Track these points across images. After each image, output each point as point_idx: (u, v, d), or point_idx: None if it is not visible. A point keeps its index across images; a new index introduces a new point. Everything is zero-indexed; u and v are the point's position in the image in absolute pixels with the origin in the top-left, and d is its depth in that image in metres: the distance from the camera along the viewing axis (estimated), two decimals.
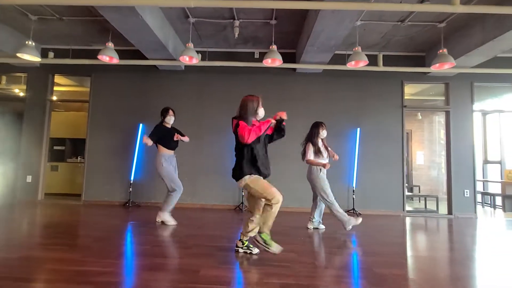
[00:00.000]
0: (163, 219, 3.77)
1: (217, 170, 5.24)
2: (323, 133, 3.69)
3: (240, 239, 2.68)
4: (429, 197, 6.29)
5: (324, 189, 3.56)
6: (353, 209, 5.07)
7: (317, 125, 3.70)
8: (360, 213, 5.02)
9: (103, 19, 4.09)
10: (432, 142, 8.51)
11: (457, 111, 5.36)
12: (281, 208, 5.11)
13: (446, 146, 5.44)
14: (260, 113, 2.57)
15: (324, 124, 3.73)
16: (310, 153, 3.61)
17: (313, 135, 3.67)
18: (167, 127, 3.90)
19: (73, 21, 4.62)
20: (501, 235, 3.90)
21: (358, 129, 5.31)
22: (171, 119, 3.91)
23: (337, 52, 5.08)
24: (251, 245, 2.66)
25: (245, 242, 2.66)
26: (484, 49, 4.19)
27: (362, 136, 5.31)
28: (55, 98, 5.79)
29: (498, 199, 6.54)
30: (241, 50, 5.54)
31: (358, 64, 4.33)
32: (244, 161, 2.47)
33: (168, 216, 3.78)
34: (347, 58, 4.35)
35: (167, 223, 3.75)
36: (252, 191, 2.52)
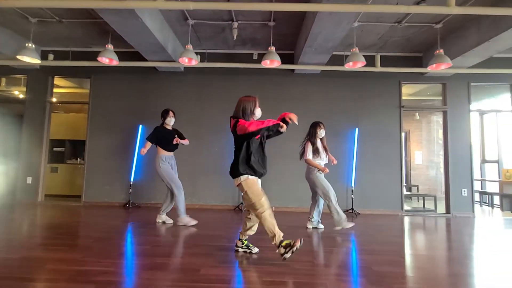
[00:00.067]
0: (184, 222, 3.80)
1: (217, 170, 5.26)
2: (321, 133, 3.72)
3: (240, 239, 2.71)
4: (427, 197, 6.34)
5: (324, 186, 3.61)
6: (352, 209, 5.10)
7: (315, 125, 3.74)
8: (359, 213, 5.06)
9: (103, 22, 4.11)
10: (430, 142, 8.55)
11: (454, 111, 5.40)
12: (281, 208, 5.11)
13: (444, 146, 5.49)
14: (257, 114, 2.55)
15: (322, 124, 3.76)
16: (309, 153, 3.64)
17: (311, 135, 3.72)
18: (167, 129, 3.93)
19: (73, 24, 4.65)
20: (499, 234, 3.94)
21: (357, 129, 5.34)
22: (171, 120, 3.94)
23: (335, 53, 5.13)
24: (251, 245, 2.69)
25: (245, 242, 2.69)
26: (480, 50, 4.24)
27: (361, 136, 5.35)
28: (55, 100, 5.81)
29: (496, 198, 6.58)
30: (240, 52, 5.58)
31: (356, 65, 4.37)
32: (240, 158, 2.45)
33: (187, 218, 3.82)
34: (345, 59, 4.39)
35: (188, 224, 3.79)
36: (244, 193, 2.50)
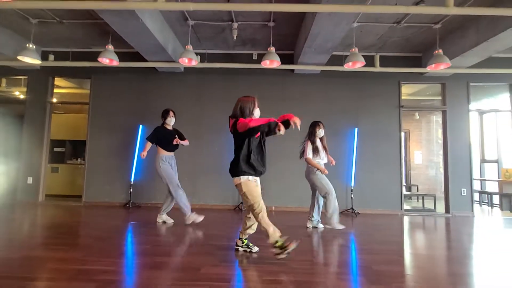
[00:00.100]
0: (192, 219, 3.84)
1: (217, 170, 5.27)
2: (320, 132, 3.75)
3: (240, 238, 2.73)
4: (427, 196, 6.35)
5: (324, 185, 3.64)
6: (352, 209, 5.11)
7: (314, 125, 3.78)
8: (359, 213, 5.08)
9: (103, 22, 4.13)
10: (430, 142, 8.57)
11: (454, 111, 5.42)
12: (280, 207, 5.12)
13: (443, 146, 5.50)
14: (256, 114, 2.57)
15: (322, 123, 3.79)
16: (309, 152, 3.67)
17: (311, 134, 3.75)
18: (168, 129, 3.95)
19: (74, 24, 4.67)
20: (497, 233, 3.96)
21: (356, 129, 5.36)
22: (172, 120, 3.96)
23: (335, 53, 5.14)
24: (251, 244, 2.71)
25: (245, 241, 2.71)
26: (479, 50, 4.26)
27: (360, 136, 5.36)
28: (55, 100, 5.83)
29: (496, 198, 6.60)
30: (240, 52, 5.59)
31: (355, 65, 4.38)
32: (241, 157, 2.48)
33: (194, 215, 3.85)
34: (345, 59, 4.40)
35: (196, 220, 3.84)
36: (242, 194, 2.52)
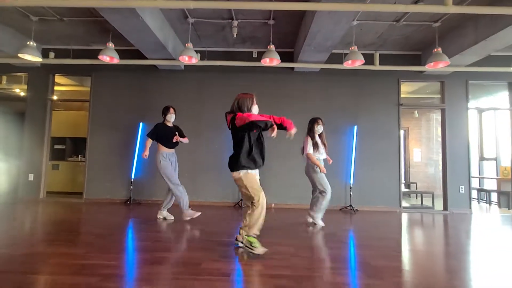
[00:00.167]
0: (189, 215, 3.88)
1: (217, 167, 5.30)
2: (319, 129, 3.79)
3: (240, 234, 2.76)
4: (425, 194, 6.39)
5: (322, 183, 3.71)
6: (350, 206, 5.15)
7: (313, 121, 3.83)
8: (357, 210, 5.12)
9: (104, 20, 4.14)
10: (429, 140, 8.59)
11: (452, 109, 5.44)
12: (280, 205, 5.16)
13: (442, 144, 5.53)
14: (254, 111, 2.61)
15: (321, 120, 3.83)
16: (309, 147, 3.72)
17: (309, 131, 3.82)
18: (168, 126, 3.98)
19: (74, 22, 4.68)
20: (494, 230, 4.00)
21: (355, 127, 5.39)
22: (172, 117, 3.99)
23: (334, 51, 5.14)
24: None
25: (245, 237, 2.74)
26: (478, 48, 4.28)
27: (360, 134, 5.39)
28: (56, 98, 5.85)
29: (494, 195, 6.64)
30: (240, 50, 5.60)
31: (355, 63, 4.41)
32: (241, 151, 2.51)
33: (190, 211, 3.89)
34: (344, 57, 4.43)
35: (193, 216, 3.89)
36: (243, 187, 2.56)
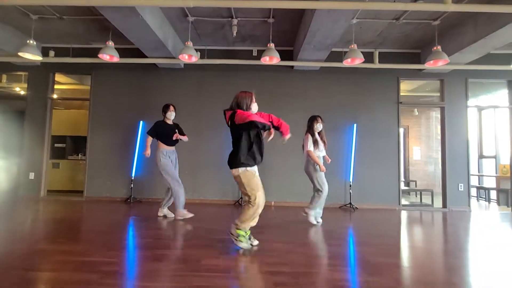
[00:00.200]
0: (181, 215, 3.88)
1: (217, 165, 5.31)
2: (318, 126, 3.80)
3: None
4: (425, 192, 6.42)
5: (319, 182, 3.74)
6: (350, 204, 5.17)
7: (312, 119, 3.85)
8: (357, 207, 5.14)
9: (103, 18, 4.15)
10: (429, 138, 8.61)
11: (452, 107, 5.45)
12: (279, 203, 5.18)
13: (441, 142, 5.54)
14: (254, 109, 2.65)
15: (320, 118, 3.84)
16: (310, 144, 3.73)
17: (309, 128, 3.83)
18: (168, 123, 4.00)
19: (74, 20, 4.68)
20: (492, 227, 4.03)
21: (355, 125, 5.40)
22: (172, 115, 4.01)
23: (334, 50, 5.16)
24: (252, 237, 2.76)
25: (248, 232, 2.76)
26: (477, 46, 4.28)
27: (359, 132, 5.41)
28: (56, 96, 5.86)
29: (493, 193, 6.66)
30: (240, 48, 5.61)
31: (354, 62, 4.41)
32: (242, 149, 2.54)
33: (183, 211, 3.90)
34: (344, 56, 4.43)
35: (186, 216, 3.89)
36: (241, 184, 2.60)
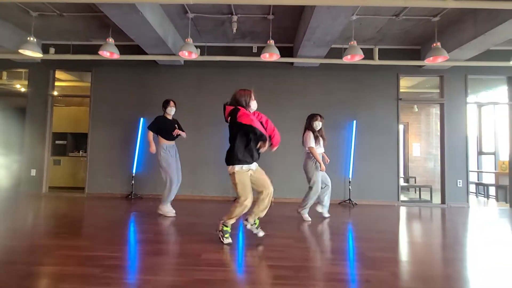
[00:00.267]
0: (162, 211, 3.86)
1: (217, 162, 5.33)
2: (317, 125, 3.77)
3: (246, 219, 2.80)
4: (424, 188, 6.45)
5: (315, 181, 3.75)
6: (349, 200, 5.21)
7: (311, 117, 3.82)
8: (356, 203, 5.18)
9: (103, 15, 4.16)
10: (429, 134, 8.63)
11: (452, 103, 5.46)
12: (279, 199, 5.24)
13: (441, 138, 5.55)
14: (253, 106, 2.67)
15: (319, 116, 3.81)
16: (311, 141, 3.70)
17: (309, 125, 3.81)
18: (168, 119, 4.02)
19: (74, 17, 4.69)
20: (491, 224, 4.06)
21: (355, 121, 5.42)
22: (172, 110, 4.04)
23: (334, 46, 5.16)
24: (259, 228, 2.80)
25: (257, 222, 2.81)
26: (476, 43, 4.28)
27: (359, 128, 5.42)
28: (56, 93, 5.87)
29: (492, 189, 6.69)
30: (240, 45, 5.61)
31: (354, 58, 4.42)
32: (238, 146, 2.57)
33: (168, 207, 3.88)
34: (344, 52, 4.44)
35: (166, 215, 3.84)
36: (233, 183, 2.63)
